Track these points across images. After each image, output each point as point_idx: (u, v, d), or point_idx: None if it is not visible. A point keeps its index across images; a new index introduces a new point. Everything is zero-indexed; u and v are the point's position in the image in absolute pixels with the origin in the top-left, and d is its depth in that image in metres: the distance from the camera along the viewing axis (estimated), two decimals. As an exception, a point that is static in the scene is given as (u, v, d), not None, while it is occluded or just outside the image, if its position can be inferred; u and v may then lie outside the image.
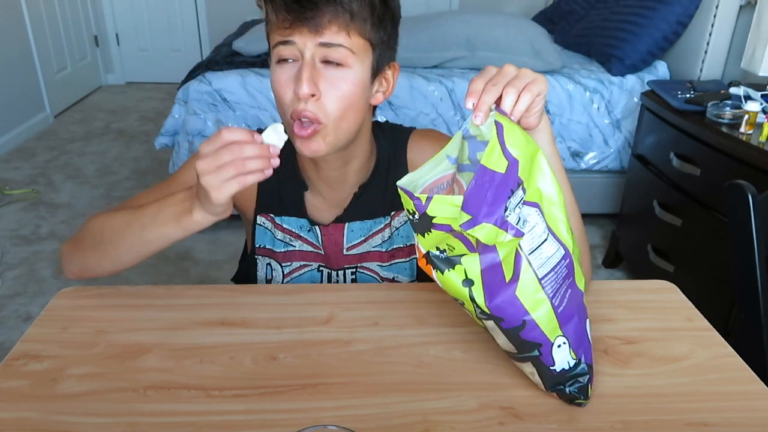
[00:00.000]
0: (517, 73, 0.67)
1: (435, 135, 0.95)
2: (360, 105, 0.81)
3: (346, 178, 0.91)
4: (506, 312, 0.61)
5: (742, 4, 2.14)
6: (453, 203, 0.57)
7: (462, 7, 4.51)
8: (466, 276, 0.61)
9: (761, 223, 0.90)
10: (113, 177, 3.13)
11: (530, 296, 0.61)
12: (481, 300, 0.61)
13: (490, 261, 0.60)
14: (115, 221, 0.80)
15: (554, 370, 0.64)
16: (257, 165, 0.67)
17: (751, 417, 0.66)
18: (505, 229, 0.58)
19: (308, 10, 0.74)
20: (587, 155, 2.48)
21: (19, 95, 3.61)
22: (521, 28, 2.52)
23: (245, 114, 2.35)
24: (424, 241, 0.62)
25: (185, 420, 0.64)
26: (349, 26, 0.76)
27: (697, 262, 1.82)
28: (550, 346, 0.63)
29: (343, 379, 0.70)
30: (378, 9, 0.77)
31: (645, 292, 0.89)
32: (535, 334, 0.62)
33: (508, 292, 0.61)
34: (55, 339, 0.76)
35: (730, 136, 1.66)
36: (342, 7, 0.74)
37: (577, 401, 0.66)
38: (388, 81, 0.86)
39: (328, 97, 0.77)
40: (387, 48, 0.82)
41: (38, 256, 2.40)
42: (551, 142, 0.76)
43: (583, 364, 0.65)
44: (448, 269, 0.61)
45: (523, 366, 0.67)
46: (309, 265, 0.97)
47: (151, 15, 4.68)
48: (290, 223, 0.95)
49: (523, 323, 0.61)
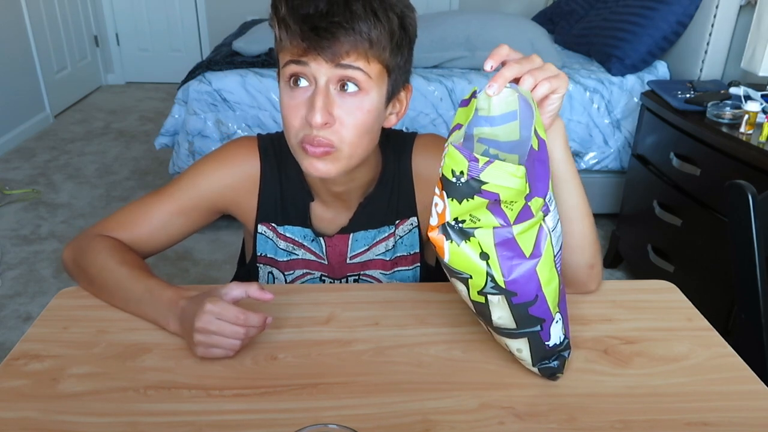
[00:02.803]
0: (542, 64, 0.67)
1: (438, 141, 0.93)
2: (374, 131, 0.79)
3: (351, 191, 0.89)
4: (522, 287, 0.61)
5: (742, 4, 2.14)
6: (513, 173, 0.55)
7: (462, 7, 4.51)
8: (482, 250, 0.60)
9: (761, 223, 0.90)
10: (113, 177, 3.13)
11: (547, 272, 0.62)
12: (498, 275, 0.60)
13: (503, 236, 0.60)
14: (107, 279, 0.81)
15: (548, 345, 0.67)
16: (245, 341, 0.72)
17: (751, 417, 0.66)
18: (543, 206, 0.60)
19: (325, 39, 0.70)
20: (587, 155, 2.48)
21: (19, 95, 3.61)
22: (521, 28, 2.52)
23: (245, 114, 2.35)
24: (456, 207, 0.58)
25: (185, 420, 0.64)
26: (368, 53, 0.73)
27: (697, 262, 1.82)
28: (551, 321, 0.65)
29: (343, 379, 0.70)
30: (397, 36, 0.74)
31: (645, 292, 0.89)
32: (542, 309, 0.64)
33: (529, 266, 0.61)
34: (55, 339, 0.76)
35: (730, 136, 1.65)
36: (361, 36, 0.71)
37: (556, 375, 0.69)
38: (402, 103, 0.83)
39: (342, 125, 0.75)
40: (403, 72, 0.80)
41: (38, 256, 2.40)
42: (564, 146, 0.74)
43: (567, 339, 0.69)
44: (464, 241, 0.60)
45: (512, 342, 0.68)
46: (312, 274, 0.96)
47: (151, 15, 4.68)
48: (294, 233, 0.93)
49: (536, 298, 0.62)
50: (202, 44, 4.74)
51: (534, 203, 0.60)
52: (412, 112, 2.37)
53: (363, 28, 0.71)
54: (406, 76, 0.81)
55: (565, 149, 0.74)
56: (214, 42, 4.49)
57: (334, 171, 0.79)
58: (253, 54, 2.55)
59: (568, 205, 0.76)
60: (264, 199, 0.92)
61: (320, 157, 0.77)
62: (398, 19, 0.74)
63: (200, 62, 2.59)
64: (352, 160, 0.79)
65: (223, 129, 2.36)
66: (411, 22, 0.77)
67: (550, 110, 0.70)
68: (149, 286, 0.78)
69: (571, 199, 0.76)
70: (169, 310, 0.75)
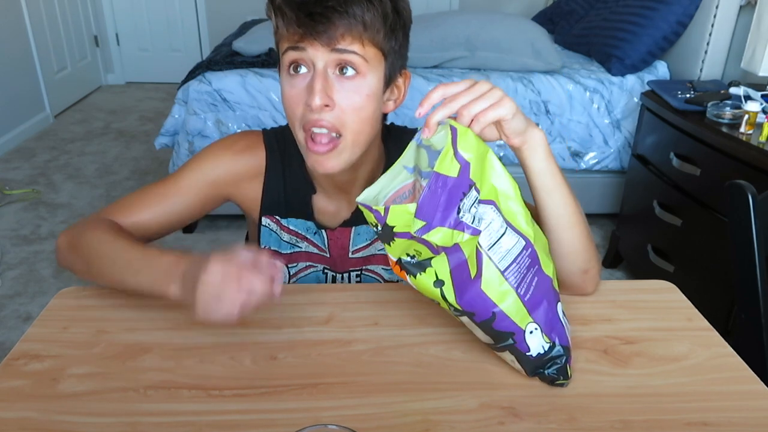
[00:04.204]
0: (481, 93, 0.67)
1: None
2: (375, 115, 0.80)
3: (354, 183, 0.90)
4: (476, 306, 0.64)
5: (742, 4, 2.14)
6: (409, 211, 0.60)
7: (462, 7, 4.51)
8: (437, 277, 0.63)
9: (761, 223, 0.90)
10: (113, 177, 3.13)
11: (495, 289, 0.64)
12: (452, 298, 0.64)
13: (457, 260, 0.63)
14: (105, 252, 0.78)
15: (531, 356, 0.67)
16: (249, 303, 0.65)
17: (751, 417, 0.66)
18: (462, 230, 0.61)
19: (320, 24, 0.72)
20: (587, 155, 2.48)
21: (19, 95, 3.61)
22: (521, 28, 2.52)
23: (245, 114, 2.35)
24: (392, 249, 0.64)
25: (185, 420, 0.64)
26: (363, 36, 0.74)
27: (697, 262, 1.82)
28: (522, 333, 0.66)
29: (343, 379, 0.70)
30: (390, 19, 0.76)
31: (645, 292, 0.89)
32: (506, 324, 0.65)
33: (475, 287, 0.63)
34: (55, 339, 0.76)
35: (730, 136, 1.65)
36: (354, 19, 0.73)
37: (558, 382, 0.69)
38: (400, 89, 0.85)
39: (343, 110, 0.76)
40: (399, 56, 0.81)
41: (38, 256, 2.40)
42: (546, 157, 0.73)
43: (558, 347, 0.68)
44: (420, 273, 0.64)
45: (504, 355, 0.70)
46: (314, 267, 0.96)
47: (151, 15, 4.68)
48: (297, 225, 0.94)
49: (493, 315, 0.64)
50: (202, 44, 4.74)
51: (434, 233, 0.60)
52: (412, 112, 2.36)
53: (357, 11, 0.73)
54: (402, 62, 0.83)
55: (547, 160, 0.73)
56: (214, 42, 4.49)
57: (339, 165, 0.80)
58: (253, 54, 2.55)
59: (554, 215, 0.76)
60: (268, 191, 0.93)
61: (325, 154, 0.78)
62: (391, 3, 0.76)
63: (200, 62, 2.59)
64: (356, 149, 0.80)
65: (223, 129, 2.36)
66: (404, 6, 0.79)
67: (509, 132, 0.70)
68: (146, 254, 0.75)
69: (557, 209, 0.76)
70: (168, 274, 0.71)
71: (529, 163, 0.74)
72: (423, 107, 0.66)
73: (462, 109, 0.66)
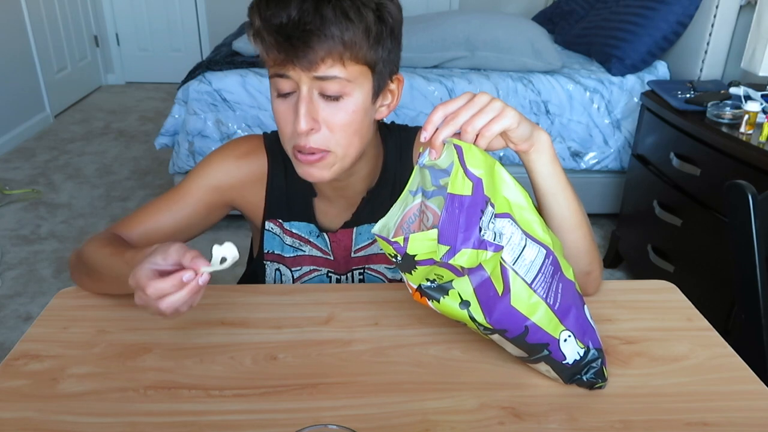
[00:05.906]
0: (482, 106, 0.67)
1: None
2: (364, 128, 0.80)
3: (353, 185, 0.90)
4: (507, 323, 0.63)
5: (742, 4, 2.14)
6: (430, 238, 0.59)
7: (462, 7, 4.51)
8: (461, 299, 0.62)
9: (761, 223, 0.90)
10: (113, 177, 3.13)
11: (525, 302, 0.63)
12: (481, 318, 0.62)
13: (479, 279, 0.62)
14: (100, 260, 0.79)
15: (567, 364, 0.66)
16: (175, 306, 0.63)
17: (751, 417, 0.66)
18: (485, 248, 0.60)
19: (299, 49, 0.71)
20: (587, 155, 2.48)
21: (19, 95, 3.61)
22: (521, 28, 2.52)
23: (245, 114, 2.35)
24: (413, 277, 0.63)
25: (185, 420, 0.64)
26: (344, 57, 0.72)
27: (697, 262, 1.82)
28: (557, 342, 0.65)
29: (343, 379, 0.70)
30: (374, 31, 0.73)
31: (645, 292, 0.89)
32: (539, 335, 0.64)
33: (504, 304, 0.62)
34: (55, 339, 0.76)
35: (730, 136, 1.65)
36: (333, 41, 0.71)
37: (597, 386, 0.68)
38: (393, 93, 0.83)
39: (330, 129, 0.76)
40: (388, 63, 0.79)
41: (38, 256, 2.40)
42: (551, 161, 0.74)
43: (593, 350, 0.67)
44: (443, 296, 0.63)
45: (538, 366, 0.69)
46: (319, 270, 0.96)
47: (151, 15, 4.68)
48: (300, 228, 0.94)
49: (526, 329, 0.63)
50: (202, 44, 4.74)
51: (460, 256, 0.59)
52: (412, 112, 2.37)
53: (335, 32, 0.70)
54: (392, 67, 0.80)
55: (552, 163, 0.74)
56: (214, 42, 4.49)
57: (329, 175, 0.80)
58: (253, 54, 2.54)
59: (558, 217, 0.76)
60: (271, 195, 0.93)
61: (313, 164, 0.78)
62: (373, 14, 0.73)
63: (200, 62, 2.59)
64: (346, 160, 0.80)
65: (223, 129, 2.36)
66: (390, 10, 0.76)
67: (516, 139, 0.70)
68: (127, 257, 0.74)
69: (561, 211, 0.76)
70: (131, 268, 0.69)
71: (535, 166, 0.74)
72: (427, 131, 0.66)
73: (465, 126, 0.66)
